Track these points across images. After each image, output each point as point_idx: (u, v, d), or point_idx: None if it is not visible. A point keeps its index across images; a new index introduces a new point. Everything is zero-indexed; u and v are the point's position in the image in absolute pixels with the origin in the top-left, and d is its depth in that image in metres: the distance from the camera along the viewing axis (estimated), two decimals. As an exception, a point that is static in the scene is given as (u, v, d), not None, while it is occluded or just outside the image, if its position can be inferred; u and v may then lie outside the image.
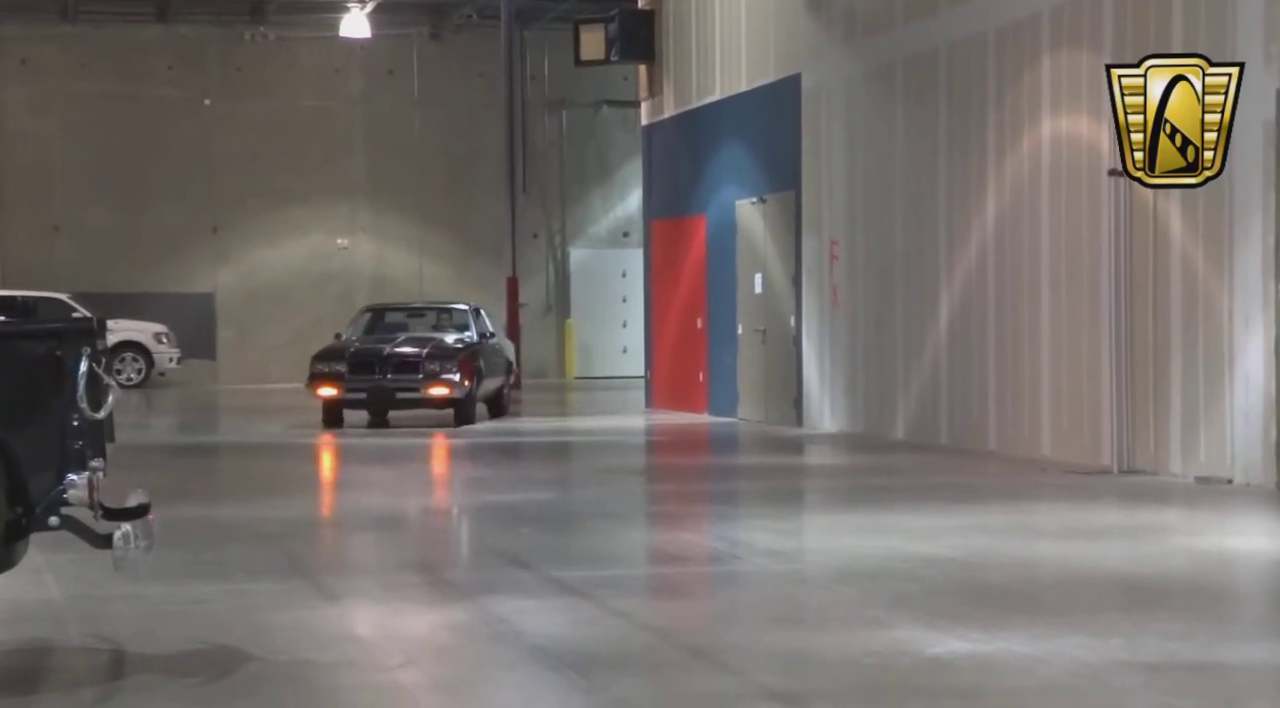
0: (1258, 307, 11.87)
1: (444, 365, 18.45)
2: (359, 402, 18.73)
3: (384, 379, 18.40)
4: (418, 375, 18.38)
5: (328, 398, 18.52)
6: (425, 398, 18.39)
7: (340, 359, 18.66)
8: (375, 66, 31.17)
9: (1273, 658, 6.50)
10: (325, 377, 18.48)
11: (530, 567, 8.70)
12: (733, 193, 20.04)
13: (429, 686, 5.92)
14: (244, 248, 30.96)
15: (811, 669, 6.24)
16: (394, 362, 18.57)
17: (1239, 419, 12.05)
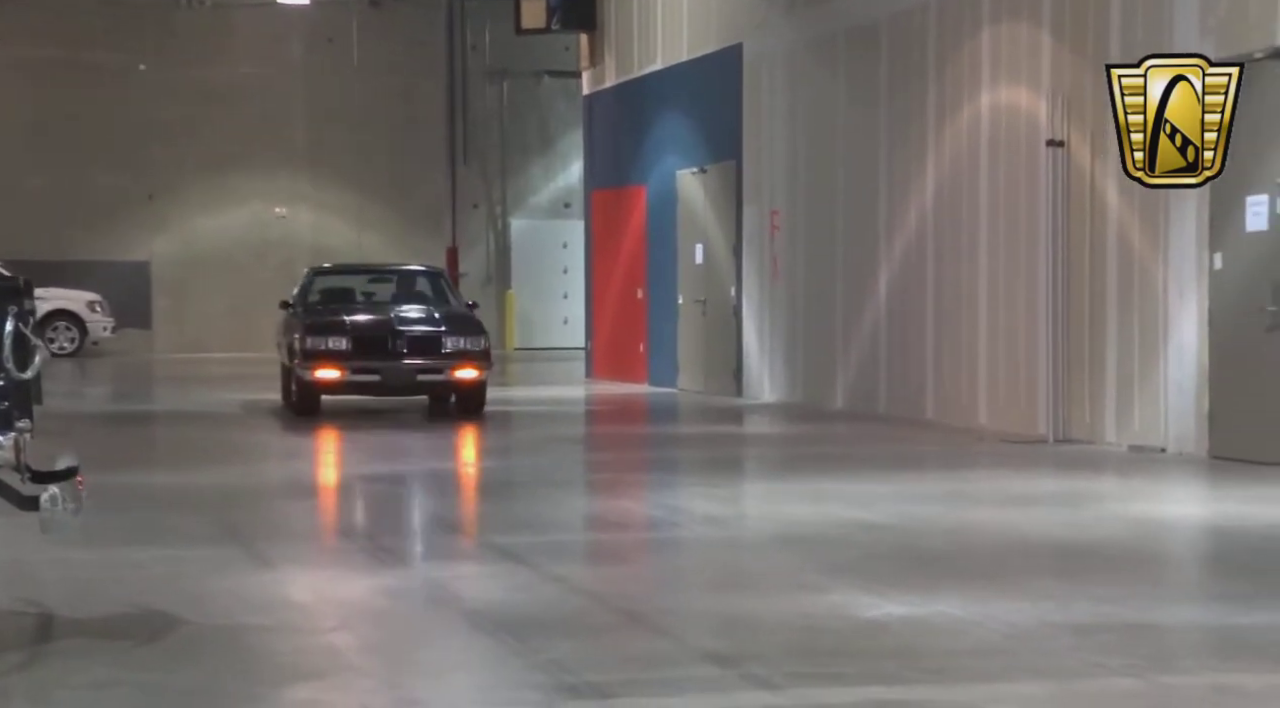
0: (1192, 278, 11.97)
1: (472, 343, 15.59)
2: (368, 385, 15.72)
3: (400, 359, 15.41)
4: (442, 354, 15.51)
5: (328, 381, 15.38)
6: (449, 382, 15.67)
7: (341, 334, 15.45)
8: (314, 34, 30.95)
9: (1201, 619, 6.58)
10: (324, 356, 15.26)
11: (467, 533, 8.70)
12: (673, 163, 20.03)
13: (363, 648, 5.91)
14: (181, 216, 30.71)
15: (748, 632, 6.27)
16: (411, 338, 15.57)
17: (1172, 389, 12.16)
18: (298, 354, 15.40)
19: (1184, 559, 8.38)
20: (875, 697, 5.13)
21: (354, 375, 15.34)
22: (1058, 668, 5.58)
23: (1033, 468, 11.60)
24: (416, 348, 15.47)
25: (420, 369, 15.45)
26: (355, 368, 15.29)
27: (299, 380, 15.57)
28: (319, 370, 15.26)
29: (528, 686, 5.30)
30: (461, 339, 15.57)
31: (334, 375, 15.30)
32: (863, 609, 6.49)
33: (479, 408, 15.81)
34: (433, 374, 15.50)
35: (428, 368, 15.46)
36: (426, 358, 15.46)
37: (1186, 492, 10.53)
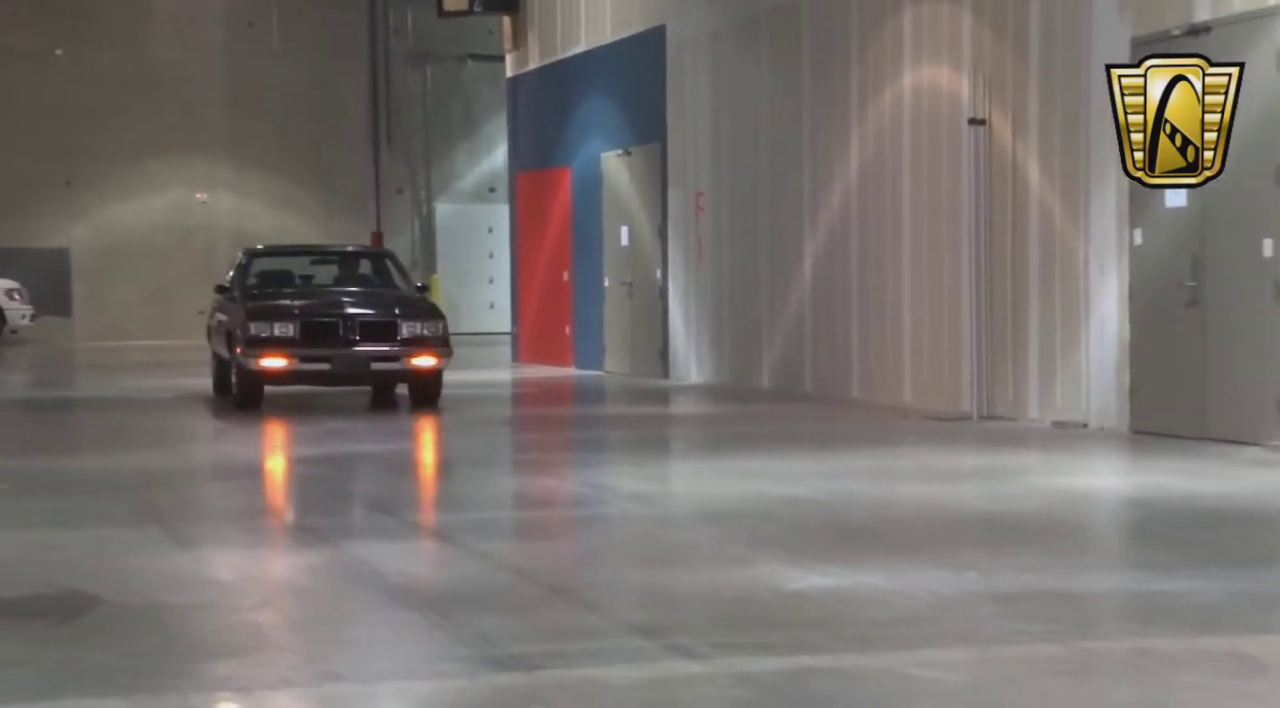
0: (1112, 254, 12.07)
1: (429, 329, 14.58)
2: (318, 375, 14.72)
3: (353, 346, 14.38)
4: (396, 342, 14.51)
5: (274, 371, 14.30)
6: (404, 371, 14.67)
7: (288, 319, 14.39)
8: (234, 17, 30.65)
9: (1121, 587, 6.64)
10: (269, 343, 14.20)
11: (393, 513, 8.64)
12: (598, 145, 19.99)
13: (285, 625, 5.86)
14: (100, 202, 30.35)
15: (674, 605, 6.26)
16: (363, 323, 14.59)
17: (1094, 365, 12.26)
18: (240, 342, 14.29)
19: (1105, 530, 8.45)
20: (801, 665, 5.14)
21: (302, 364, 14.32)
22: (981, 635, 5.60)
23: (957, 444, 11.67)
24: (370, 334, 14.50)
25: (374, 357, 14.48)
26: (304, 356, 14.26)
27: (241, 370, 14.44)
28: (264, 359, 14.19)
29: (451, 658, 5.26)
30: (418, 324, 14.57)
31: (280, 364, 14.25)
32: (788, 582, 6.50)
33: (434, 398, 14.84)
34: (388, 362, 14.53)
35: (382, 355, 14.48)
36: (381, 345, 14.49)
37: (1108, 465, 10.62)
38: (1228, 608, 5.97)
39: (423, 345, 14.49)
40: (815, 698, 4.77)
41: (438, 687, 4.91)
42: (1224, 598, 6.12)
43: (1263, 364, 10.81)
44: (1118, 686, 4.98)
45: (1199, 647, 5.33)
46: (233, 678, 5.00)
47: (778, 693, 4.83)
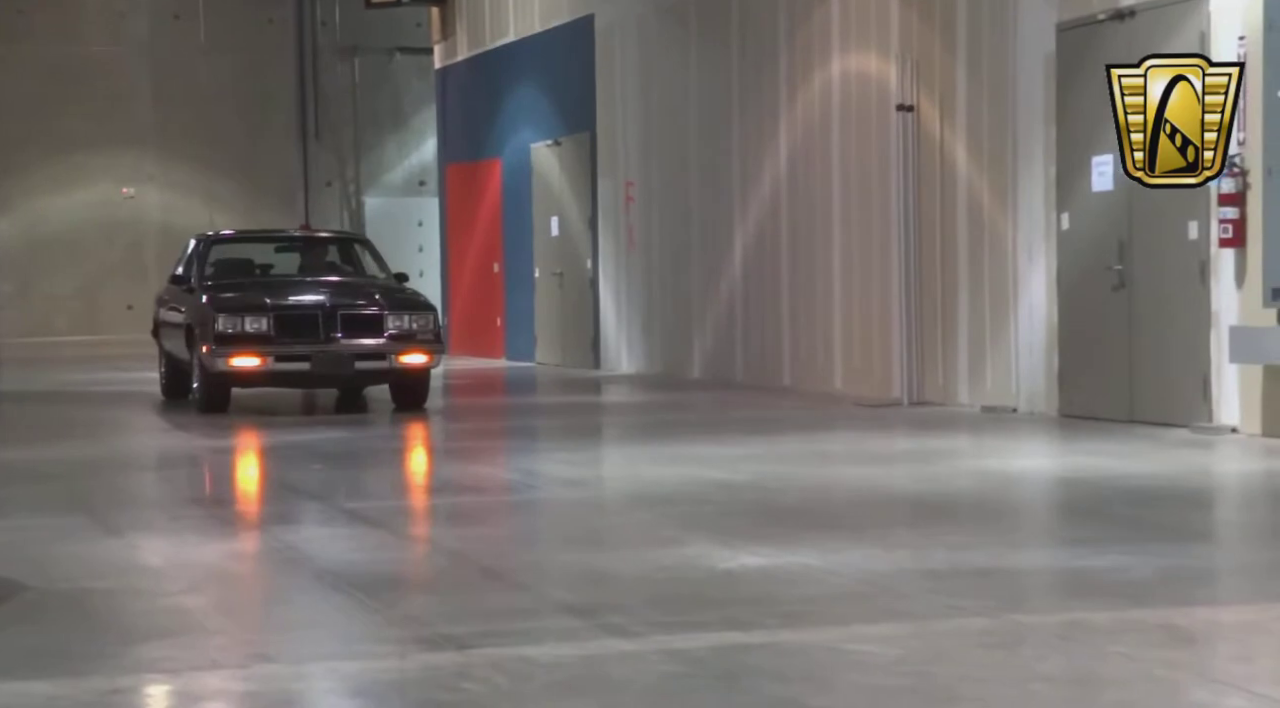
0: (1040, 238, 12.13)
1: (418, 322, 13.15)
2: (294, 376, 13.22)
3: (335, 343, 12.88)
4: (382, 337, 13.00)
5: (245, 372, 12.85)
6: (393, 369, 13.11)
7: (261, 313, 12.88)
8: (160, 11, 30.33)
9: (1051, 563, 6.67)
10: (240, 340, 12.72)
11: (323, 499, 8.57)
12: (528, 136, 19.94)
13: (213, 608, 5.79)
14: (25, 196, 29.98)
15: (606, 585, 6.23)
16: (345, 317, 13.03)
17: (1023, 350, 12.32)
18: (205, 339, 12.74)
19: (1035, 509, 8.49)
20: (733, 641, 5.12)
21: (278, 364, 12.76)
22: (913, 611, 5.61)
23: (887, 429, 11.70)
24: (353, 329, 12.93)
25: (359, 354, 12.90)
26: (279, 354, 12.73)
27: (207, 371, 12.87)
28: (235, 358, 12.67)
29: (382, 639, 5.22)
30: (406, 317, 13.10)
31: (253, 364, 12.72)
32: (720, 561, 6.48)
33: (422, 400, 13.39)
34: (373, 361, 12.97)
35: (368, 353, 12.92)
36: (366, 341, 12.95)
37: (1037, 448, 10.68)
38: (1157, 583, 6.00)
39: (412, 341, 13.01)
40: (747, 671, 4.75)
41: (369, 667, 4.86)
42: (1153, 573, 6.15)
43: (1189, 346, 10.89)
44: (1048, 656, 4.99)
45: (1129, 619, 5.35)
46: (160, 660, 4.93)
47: (709, 667, 4.81)
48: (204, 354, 12.83)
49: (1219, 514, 8.18)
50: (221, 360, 12.74)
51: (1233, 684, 4.63)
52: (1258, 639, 5.25)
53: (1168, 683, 4.56)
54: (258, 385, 13.45)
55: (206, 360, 12.84)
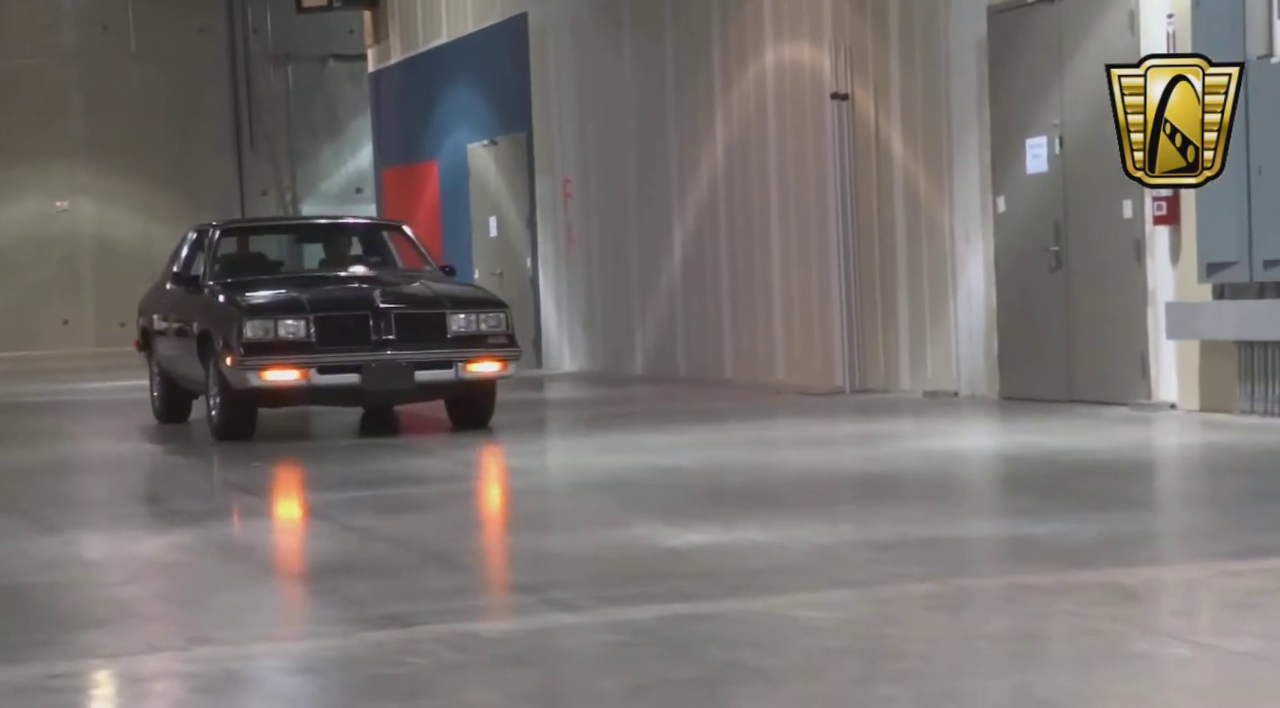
0: (977, 222, 12.19)
1: (490, 323, 10.94)
2: (342, 391, 10.76)
3: (389, 350, 10.55)
4: (449, 341, 10.73)
5: (282, 387, 10.55)
6: (460, 382, 10.81)
7: (298, 316, 10.57)
8: (88, 21, 30.09)
9: (994, 532, 6.71)
10: (274, 349, 10.43)
11: (263, 494, 8.52)
12: (464, 137, 19.90)
13: (153, 598, 5.74)
14: (-44, 212, 29.71)
15: (550, 565, 6.21)
16: (402, 318, 10.70)
17: (963, 334, 12.37)
18: (232, 349, 10.42)
19: (978, 484, 8.53)
20: (679, 612, 5.11)
21: (320, 377, 10.41)
22: (859, 579, 5.62)
23: (830, 415, 11.73)
24: (411, 333, 10.64)
25: (420, 363, 10.60)
26: (324, 365, 10.44)
27: (229, 389, 10.59)
28: (270, 372, 10.34)
29: (325, 620, 5.19)
30: (475, 316, 10.87)
31: (290, 379, 10.40)
32: (666, 540, 6.48)
33: (487, 417, 11.22)
34: (437, 371, 10.65)
35: (431, 362, 10.63)
36: (427, 347, 10.66)
37: (978, 428, 10.73)
38: (1098, 546, 6.04)
39: (482, 346, 10.76)
40: (693, 639, 4.75)
41: (313, 646, 4.83)
42: (1094, 537, 6.18)
43: (1126, 325, 10.96)
44: (993, 617, 5.01)
45: (1072, 580, 5.37)
46: (99, 647, 4.88)
47: (655, 637, 4.80)
48: (227, 368, 10.45)
49: (1158, 484, 8.25)
50: (252, 375, 10.32)
51: (1174, 636, 4.68)
52: (1198, 595, 5.30)
53: (1111, 636, 4.58)
54: (293, 404, 11.29)
55: (231, 375, 10.45)
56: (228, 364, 10.47)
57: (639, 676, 4.33)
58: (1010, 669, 4.34)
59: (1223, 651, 4.42)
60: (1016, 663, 4.41)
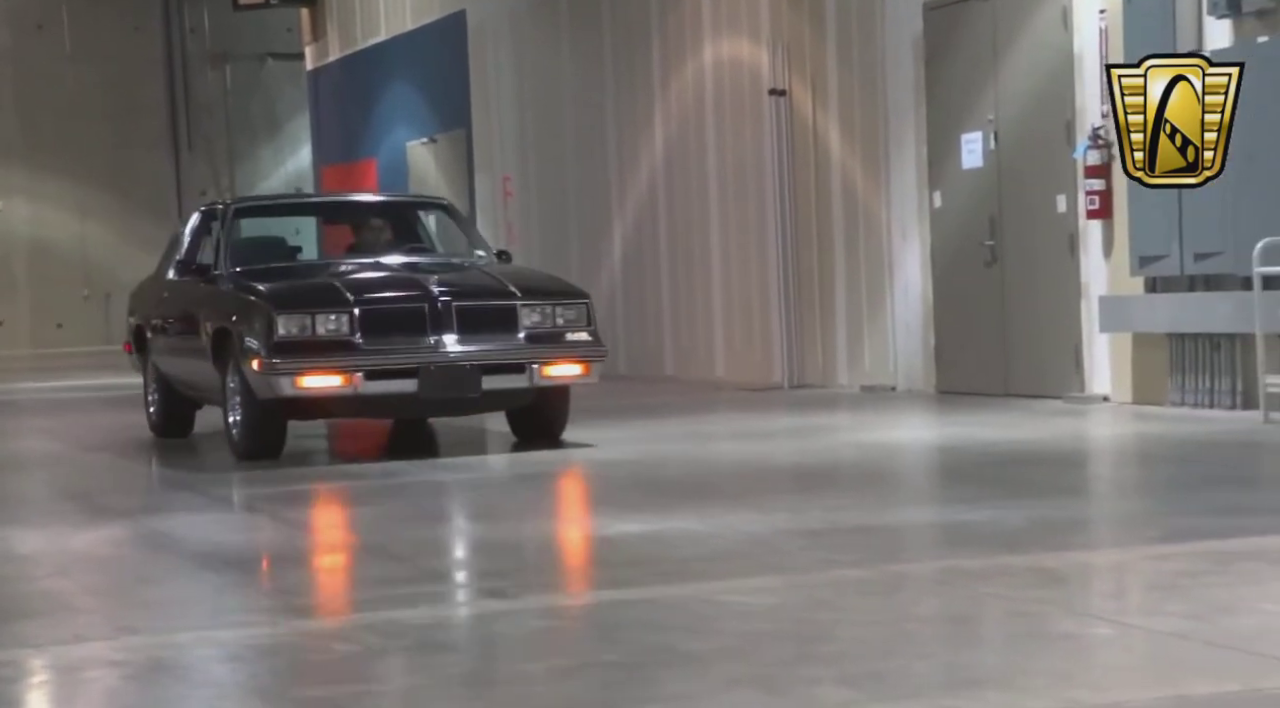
0: (913, 218, 12.27)
1: (568, 316, 9.15)
2: (394, 401, 9.04)
3: (450, 350, 8.77)
4: (518, 339, 8.98)
5: (322, 394, 8.77)
6: (534, 388, 9.10)
7: (340, 310, 8.81)
8: (22, 20, 29.85)
9: (927, 519, 6.75)
10: (311, 350, 8.70)
11: (197, 489, 8.47)
12: (403, 134, 19.87)
13: (82, 590, 5.70)
14: (-112, 212, 29.40)
15: (486, 554, 6.22)
16: (463, 312, 8.91)
17: (900, 329, 12.45)
18: (260, 350, 8.69)
19: (912, 474, 8.58)
20: (611, 598, 5.13)
21: (370, 383, 8.67)
22: (792, 565, 5.65)
23: (769, 410, 11.77)
24: (476, 329, 8.88)
25: (488, 367, 8.85)
26: (372, 369, 8.69)
27: (254, 399, 8.92)
28: (308, 378, 8.61)
29: (254, 610, 5.17)
30: (553, 309, 9.08)
31: (332, 385, 8.65)
32: (601, 529, 6.50)
33: (560, 428, 9.58)
34: (508, 375, 8.92)
35: (500, 364, 8.89)
36: (496, 346, 8.90)
37: (914, 421, 10.79)
38: (1028, 532, 6.09)
39: (560, 345, 9.03)
40: (624, 624, 4.76)
41: (242, 634, 4.81)
42: (1024, 524, 6.24)
43: (1060, 318, 11.06)
44: (923, 600, 5.05)
45: (1001, 564, 5.42)
46: (26, 637, 4.84)
47: (586, 622, 4.83)
48: (253, 373, 8.76)
49: (1089, 473, 8.32)
50: (284, 381, 8.58)
51: (1099, 616, 4.73)
52: (1125, 578, 5.36)
53: (1038, 617, 4.63)
54: (332, 416, 9.76)
55: (258, 382, 8.77)
56: (254, 369, 8.70)
57: (567, 658, 4.35)
58: (939, 650, 4.38)
59: (1146, 630, 4.47)
60: (945, 644, 4.45)
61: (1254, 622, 4.40)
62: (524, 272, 10.56)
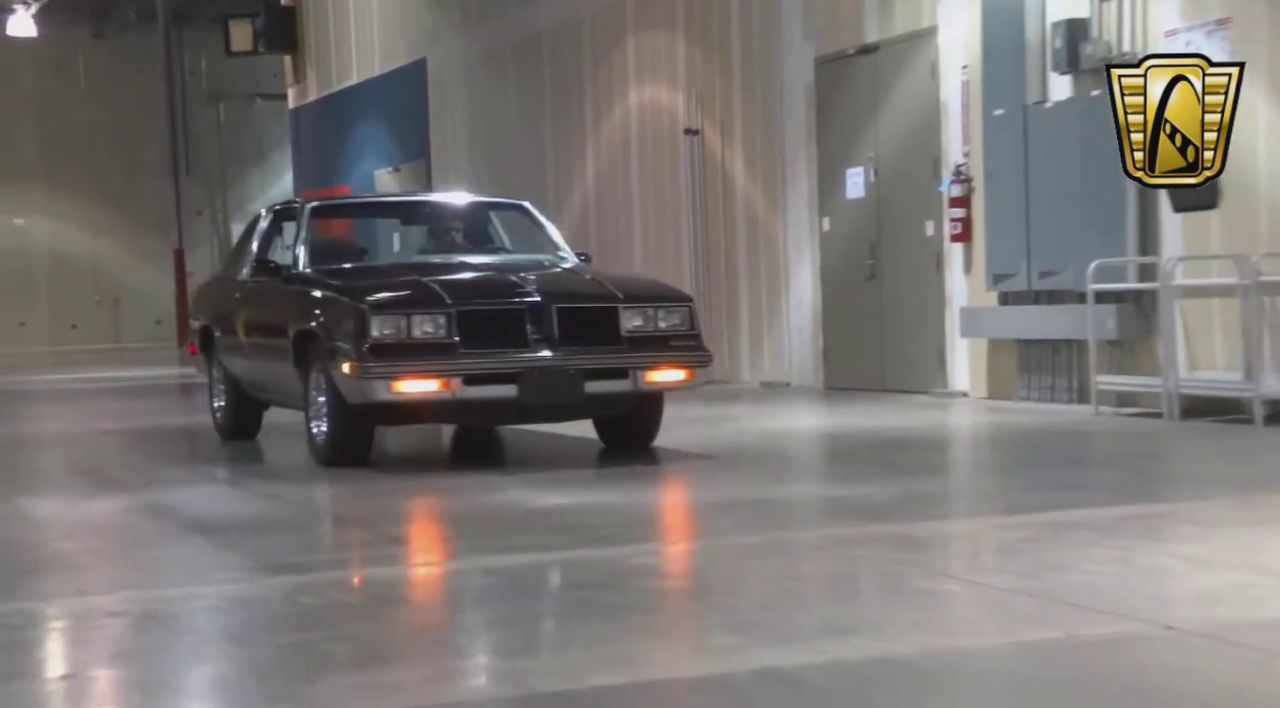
0: (806, 239, 12.35)
1: (671, 320, 7.75)
2: (493, 407, 7.55)
3: (551, 354, 7.45)
4: (620, 343, 7.60)
5: (420, 398, 7.41)
6: (636, 393, 7.72)
7: (438, 311, 7.44)
8: (41, 63, 29.54)
9: (811, 494, 6.80)
10: (408, 353, 7.34)
11: (191, 467, 8.41)
12: (372, 164, 19.78)
13: (86, 551, 5.65)
14: (-76, 227, 29.00)
15: (433, 522, 6.22)
16: (564, 314, 7.56)
17: (794, 333, 12.52)
18: (352, 352, 7.31)
19: (800, 456, 8.61)
20: (541, 560, 5.14)
21: (468, 388, 7.30)
22: (695, 531, 5.69)
23: (683, 403, 11.74)
24: (579, 333, 7.50)
25: (591, 371, 7.48)
26: (472, 374, 7.31)
27: (343, 404, 7.55)
28: (405, 382, 7.24)
29: (235, 568, 5.15)
30: (655, 312, 7.66)
31: (429, 389, 7.29)
32: (534, 502, 6.50)
33: (651, 436, 8.20)
34: (611, 381, 7.53)
35: (604, 369, 7.51)
36: (599, 350, 7.52)
37: (807, 411, 10.85)
38: (895, 505, 6.14)
39: (664, 349, 7.61)
40: (552, 580, 4.79)
41: (221, 589, 4.79)
42: (893, 498, 6.30)
43: (928, 326, 11.16)
44: (804, 562, 5.09)
45: (871, 532, 5.47)
46: (38, 591, 4.81)
47: (519, 580, 4.83)
48: (344, 377, 7.36)
49: (949, 456, 8.40)
50: (380, 386, 7.23)
51: (951, 576, 4.78)
52: (974, 543, 5.42)
53: (898, 576, 4.68)
54: (425, 422, 8.16)
55: (349, 386, 7.38)
56: (344, 373, 7.32)
57: (500, 611, 4.36)
58: (816, 603, 4.42)
59: (989, 587, 4.53)
60: (821, 598, 4.50)
61: (1078, 580, 4.47)
62: (619, 273, 9.15)
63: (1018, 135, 10.03)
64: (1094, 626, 3.86)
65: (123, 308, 30.29)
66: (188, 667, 3.79)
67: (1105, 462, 7.67)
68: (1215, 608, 4.02)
